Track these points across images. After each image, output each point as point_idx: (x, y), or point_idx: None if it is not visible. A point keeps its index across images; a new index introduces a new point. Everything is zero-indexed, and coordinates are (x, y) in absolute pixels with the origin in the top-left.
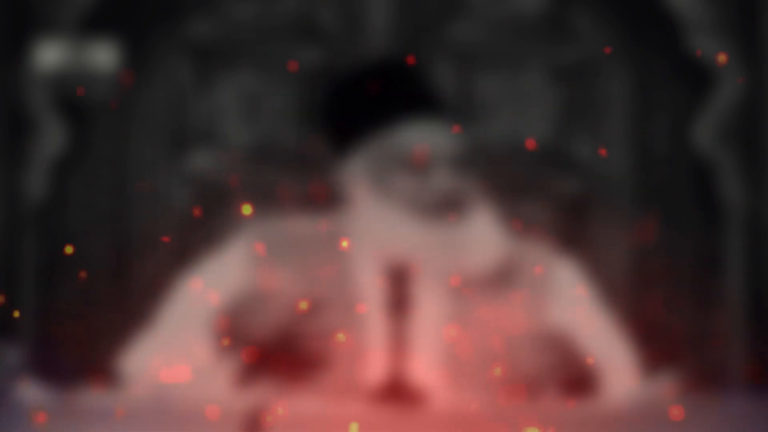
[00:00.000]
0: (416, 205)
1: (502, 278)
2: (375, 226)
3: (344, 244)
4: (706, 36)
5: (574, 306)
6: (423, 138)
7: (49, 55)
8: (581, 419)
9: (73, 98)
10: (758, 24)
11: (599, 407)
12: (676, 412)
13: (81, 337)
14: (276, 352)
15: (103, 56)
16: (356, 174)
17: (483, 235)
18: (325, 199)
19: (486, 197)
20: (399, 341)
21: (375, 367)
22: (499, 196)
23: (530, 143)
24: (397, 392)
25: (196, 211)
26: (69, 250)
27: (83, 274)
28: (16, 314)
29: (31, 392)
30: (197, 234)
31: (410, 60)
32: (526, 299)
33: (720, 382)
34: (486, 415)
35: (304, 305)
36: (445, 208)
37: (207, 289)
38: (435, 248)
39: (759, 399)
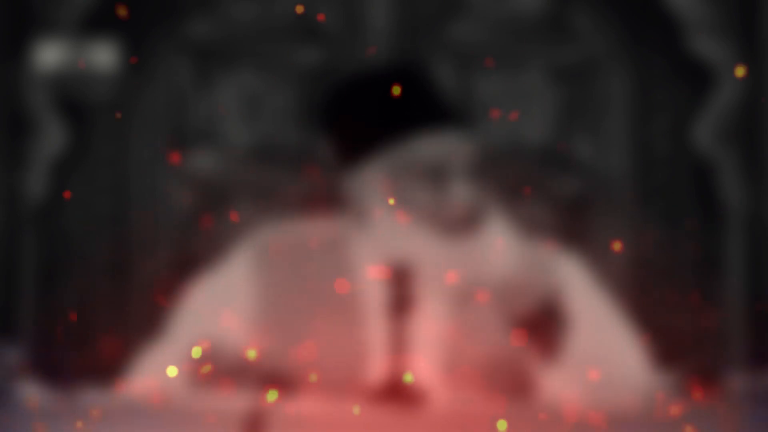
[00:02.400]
0: (434, 218)
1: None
2: (388, 236)
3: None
4: (706, 36)
5: (582, 305)
6: (440, 149)
7: (49, 55)
8: (582, 420)
9: (73, 98)
10: (758, 24)
11: (600, 408)
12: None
13: (81, 337)
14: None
15: (103, 56)
16: (370, 183)
17: (499, 247)
18: (327, 202)
19: (501, 207)
20: (399, 342)
21: (375, 368)
22: (498, 197)
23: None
24: (398, 393)
25: (205, 221)
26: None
27: (73, 316)
28: None
29: (31, 392)
30: (197, 234)
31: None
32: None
33: (720, 382)
34: (486, 416)
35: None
36: (463, 220)
37: (214, 302)
38: (448, 259)
39: (759, 399)
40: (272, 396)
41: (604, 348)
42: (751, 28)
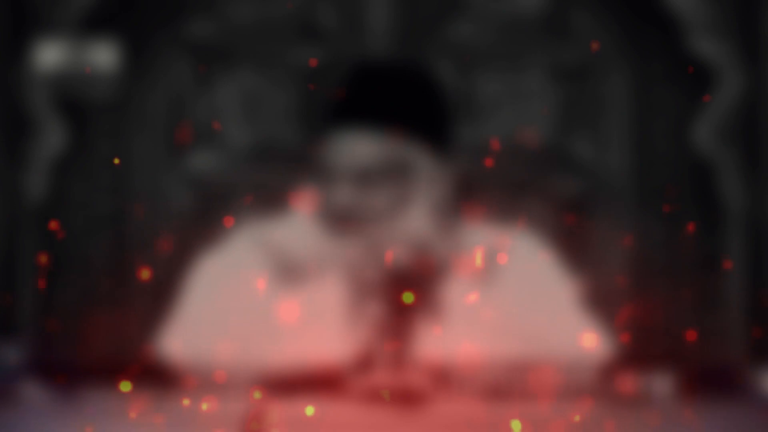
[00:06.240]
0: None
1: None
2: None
3: None
4: (706, 36)
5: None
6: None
7: (49, 55)
8: (581, 421)
9: (73, 98)
10: (758, 24)
11: (595, 407)
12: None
13: (81, 336)
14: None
15: (103, 56)
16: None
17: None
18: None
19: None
20: (401, 345)
21: (375, 369)
22: (499, 196)
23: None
24: (397, 394)
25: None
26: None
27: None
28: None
29: (32, 391)
30: (197, 234)
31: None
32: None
33: (720, 382)
34: (482, 417)
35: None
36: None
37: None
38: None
39: (758, 398)
40: (258, 395)
41: (533, 296)
42: (751, 28)
